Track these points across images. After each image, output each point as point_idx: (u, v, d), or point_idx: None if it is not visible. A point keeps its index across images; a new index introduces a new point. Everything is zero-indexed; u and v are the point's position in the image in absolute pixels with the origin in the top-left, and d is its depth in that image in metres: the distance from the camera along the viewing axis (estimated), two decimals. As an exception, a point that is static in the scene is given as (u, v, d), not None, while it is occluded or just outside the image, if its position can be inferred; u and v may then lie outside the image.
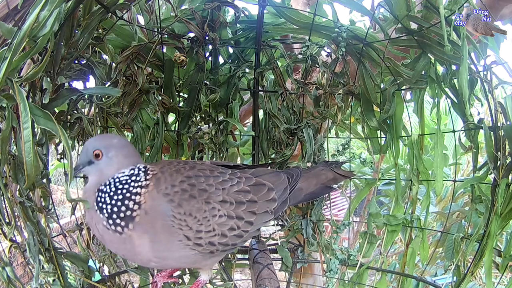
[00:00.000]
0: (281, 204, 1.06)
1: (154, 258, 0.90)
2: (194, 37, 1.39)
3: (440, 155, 1.34)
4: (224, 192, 0.95)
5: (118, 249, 0.93)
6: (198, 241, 0.90)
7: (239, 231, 0.95)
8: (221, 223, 0.93)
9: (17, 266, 3.38)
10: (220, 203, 0.93)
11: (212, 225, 0.92)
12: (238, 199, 0.96)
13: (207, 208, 0.91)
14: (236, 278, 2.15)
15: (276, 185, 1.05)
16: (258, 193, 1.00)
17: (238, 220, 0.95)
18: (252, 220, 0.97)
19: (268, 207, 1.01)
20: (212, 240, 0.92)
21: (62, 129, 0.82)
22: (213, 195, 0.93)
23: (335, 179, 1.22)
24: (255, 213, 0.98)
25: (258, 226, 1.00)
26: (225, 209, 0.94)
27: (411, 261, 1.45)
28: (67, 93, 1.08)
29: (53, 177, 5.72)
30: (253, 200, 0.99)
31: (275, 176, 1.08)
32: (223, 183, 0.97)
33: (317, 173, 1.20)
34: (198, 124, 1.48)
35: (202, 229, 0.90)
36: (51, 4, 0.81)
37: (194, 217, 0.89)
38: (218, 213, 0.92)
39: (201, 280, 1.05)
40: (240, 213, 0.96)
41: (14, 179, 1.02)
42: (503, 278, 1.26)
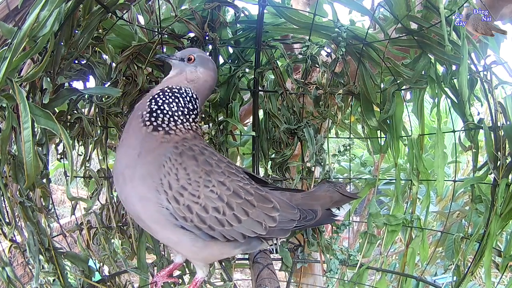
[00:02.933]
0: (280, 230, 1.03)
1: (127, 170, 0.92)
2: (194, 37, 1.39)
3: (440, 155, 1.34)
4: (228, 179, 0.96)
5: (128, 137, 0.97)
6: (179, 196, 0.90)
7: (222, 217, 0.94)
8: (209, 196, 0.93)
9: (17, 266, 3.38)
10: (218, 182, 0.94)
11: (200, 192, 0.92)
12: (237, 191, 0.97)
13: (204, 176, 0.93)
14: (236, 278, 2.15)
15: (283, 210, 1.03)
16: (260, 202, 1.00)
17: (227, 207, 0.95)
18: (241, 218, 0.96)
19: (264, 220, 0.99)
20: (191, 206, 0.91)
21: (63, 128, 0.83)
22: (215, 173, 0.95)
23: (340, 201, 1.19)
24: (248, 214, 0.97)
25: (245, 231, 0.98)
26: (220, 190, 0.94)
27: (411, 261, 1.45)
28: (67, 93, 1.08)
29: (53, 177, 5.72)
30: (251, 203, 0.98)
31: (289, 207, 1.06)
32: (232, 174, 0.98)
33: (322, 196, 1.16)
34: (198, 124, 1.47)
35: (188, 188, 0.91)
36: (51, 4, 0.81)
37: (186, 173, 0.91)
38: (211, 187, 0.93)
39: (198, 277, 1.05)
40: (233, 202, 0.95)
41: (14, 179, 1.02)
42: (503, 278, 1.26)
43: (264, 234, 1.00)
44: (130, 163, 0.93)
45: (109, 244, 1.34)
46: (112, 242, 1.36)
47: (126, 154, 0.95)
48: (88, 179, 1.32)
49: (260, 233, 1.00)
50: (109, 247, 1.34)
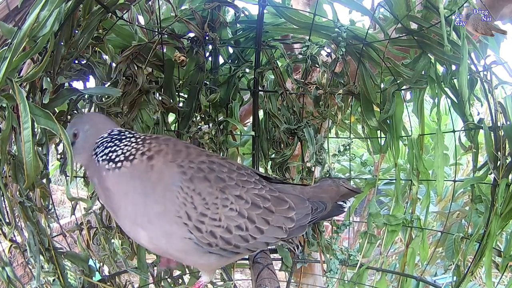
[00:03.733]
0: (298, 228, 1.02)
1: (140, 216, 0.85)
2: (194, 37, 1.39)
3: (440, 155, 1.34)
4: (243, 190, 0.93)
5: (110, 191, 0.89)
6: (200, 225, 0.86)
7: (245, 233, 0.91)
8: (230, 216, 0.89)
9: (17, 266, 3.37)
10: (235, 197, 0.91)
11: (219, 214, 0.88)
12: (255, 201, 0.93)
13: (220, 196, 0.88)
14: (236, 278, 2.15)
15: (298, 207, 1.02)
16: (277, 205, 0.98)
17: (249, 222, 0.92)
18: (263, 228, 0.94)
19: (284, 223, 0.98)
20: (214, 231, 0.88)
21: (63, 128, 0.82)
22: (230, 188, 0.91)
23: (346, 195, 1.19)
24: (268, 222, 0.95)
25: (268, 239, 0.96)
26: (239, 205, 0.91)
27: (411, 261, 1.45)
28: (67, 93, 1.08)
29: (53, 177, 5.71)
30: (270, 209, 0.96)
31: (300, 199, 1.05)
32: (246, 182, 0.95)
33: (329, 190, 1.15)
34: (198, 124, 1.48)
35: (207, 213, 0.86)
36: (51, 4, 0.81)
37: (202, 198, 0.86)
38: (230, 205, 0.89)
39: (202, 281, 1.04)
40: (253, 215, 0.92)
41: (14, 179, 1.02)
42: (503, 278, 1.26)
43: (286, 236, 0.99)
44: (139, 211, 0.86)
45: (109, 244, 1.34)
46: (112, 242, 1.36)
47: (128, 204, 0.87)
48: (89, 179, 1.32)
49: (282, 237, 0.98)
50: (109, 247, 1.34)
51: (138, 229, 0.88)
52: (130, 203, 0.87)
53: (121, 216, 0.91)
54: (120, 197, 0.88)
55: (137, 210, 0.86)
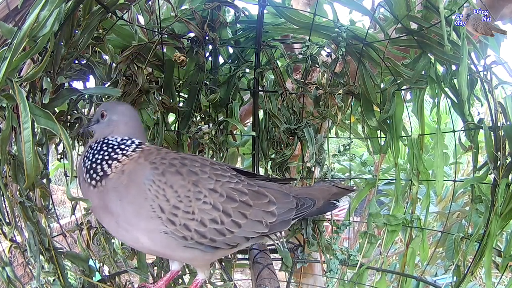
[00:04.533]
0: (281, 223, 1.01)
1: (122, 222, 0.88)
2: (194, 37, 1.39)
3: (440, 155, 1.34)
4: (218, 184, 0.93)
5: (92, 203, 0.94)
6: (172, 217, 0.87)
7: (221, 227, 0.91)
8: (203, 209, 0.89)
9: (17, 266, 3.38)
10: (209, 190, 0.91)
11: (193, 207, 0.88)
12: (230, 195, 0.93)
13: (192, 188, 0.89)
14: (236, 278, 2.15)
15: (279, 201, 1.01)
16: (256, 199, 0.97)
17: (224, 215, 0.91)
18: (241, 222, 0.93)
19: (263, 217, 0.97)
20: (188, 224, 0.88)
21: (63, 128, 0.83)
22: (203, 181, 0.91)
23: (338, 193, 1.20)
24: (246, 216, 0.94)
25: (248, 233, 0.96)
26: (213, 198, 0.91)
27: (411, 261, 1.45)
28: (67, 93, 1.08)
29: (53, 177, 5.71)
30: (247, 203, 0.95)
31: (282, 194, 1.04)
32: (220, 176, 0.95)
33: (320, 189, 1.17)
34: (198, 124, 1.48)
35: (180, 206, 0.87)
36: (51, 4, 0.81)
37: (174, 191, 0.88)
38: (203, 198, 0.90)
39: (199, 279, 1.04)
40: (229, 208, 0.92)
41: (14, 179, 1.02)
42: (503, 278, 1.25)
43: (267, 231, 0.98)
44: (118, 213, 0.89)
45: (109, 244, 1.34)
46: (112, 242, 1.36)
47: (107, 213, 0.91)
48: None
49: (263, 232, 0.98)
50: (109, 247, 1.34)
51: (123, 232, 0.91)
52: (109, 212, 0.90)
53: (105, 223, 0.96)
54: (102, 210, 0.92)
55: (117, 216, 0.89)
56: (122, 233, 0.92)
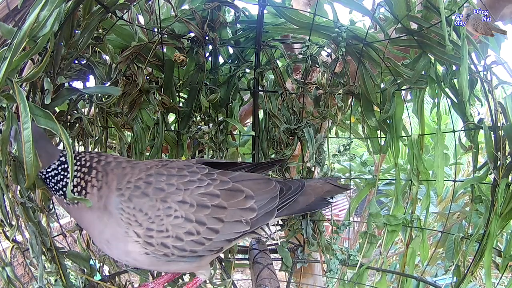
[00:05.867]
0: (263, 216, 0.97)
1: (103, 241, 0.90)
2: (194, 37, 1.39)
3: (440, 155, 1.34)
4: (186, 193, 0.90)
5: (78, 220, 0.96)
6: (149, 239, 0.87)
7: (198, 237, 0.89)
8: (176, 224, 0.88)
9: (17, 266, 3.38)
10: (178, 203, 0.88)
11: (165, 225, 0.87)
12: (201, 202, 0.90)
13: (161, 206, 0.87)
14: (237, 278, 2.16)
15: (258, 193, 0.97)
16: (230, 199, 0.93)
17: (198, 225, 0.89)
18: (217, 227, 0.91)
19: (242, 216, 0.93)
20: (165, 242, 0.87)
21: (63, 128, 0.83)
22: (171, 195, 0.89)
23: (331, 191, 1.17)
24: (222, 220, 0.91)
25: (228, 236, 0.93)
26: (183, 211, 0.88)
27: (411, 261, 1.45)
28: (67, 93, 1.08)
29: (53, 177, 5.69)
30: (221, 206, 0.92)
31: (262, 183, 1.00)
32: (188, 183, 0.92)
33: (314, 185, 1.14)
34: (198, 124, 1.48)
35: (153, 227, 0.86)
36: (51, 4, 0.81)
37: (144, 214, 0.87)
38: (174, 213, 0.88)
39: (199, 278, 1.04)
40: (202, 217, 0.89)
41: (14, 180, 1.02)
42: (503, 278, 1.25)
43: (249, 229, 0.95)
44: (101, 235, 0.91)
45: (109, 244, 1.34)
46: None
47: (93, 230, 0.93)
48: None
49: (244, 230, 0.95)
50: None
51: (105, 248, 0.92)
52: (92, 229, 0.92)
53: (91, 236, 1.00)
54: (85, 225, 0.95)
55: (99, 235, 0.91)
56: (105, 249, 0.93)
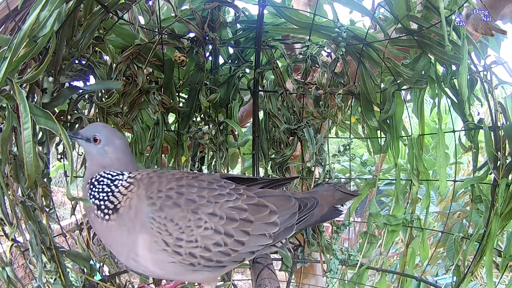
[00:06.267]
0: (284, 230, 1.01)
1: (131, 253, 0.90)
2: (194, 37, 1.39)
3: (442, 155, 1.34)
4: (216, 206, 0.92)
5: (104, 236, 0.96)
6: (178, 249, 0.88)
7: (225, 248, 0.92)
8: (205, 235, 0.90)
9: (18, 268, 3.38)
10: (208, 215, 0.91)
11: (195, 235, 0.89)
12: (230, 215, 0.93)
13: (192, 217, 0.90)
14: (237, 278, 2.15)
15: (281, 209, 1.01)
16: (256, 213, 0.97)
17: (226, 237, 0.92)
18: (243, 240, 0.94)
19: (266, 230, 0.97)
20: (193, 252, 0.89)
21: (63, 128, 0.83)
22: (202, 207, 0.91)
23: (342, 199, 1.19)
24: (248, 233, 0.94)
25: (252, 248, 0.96)
26: (213, 223, 0.91)
27: (411, 261, 1.45)
28: (68, 93, 1.09)
29: (53, 178, 5.71)
30: (248, 220, 0.95)
31: (284, 200, 1.04)
32: (218, 197, 0.94)
33: (325, 195, 1.16)
34: (198, 124, 1.48)
35: (183, 237, 0.88)
36: (51, 5, 0.81)
37: (175, 224, 0.88)
38: (204, 225, 0.90)
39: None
40: (230, 230, 0.92)
41: (15, 179, 1.02)
42: (504, 278, 1.25)
43: (271, 242, 0.98)
44: (128, 246, 0.91)
45: (109, 244, 1.34)
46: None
47: (119, 247, 0.93)
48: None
49: (267, 243, 0.98)
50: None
51: (132, 263, 0.93)
52: (119, 244, 0.92)
53: (115, 253, 0.99)
54: (110, 241, 0.95)
55: (127, 248, 0.91)
56: (132, 263, 0.94)
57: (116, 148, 0.97)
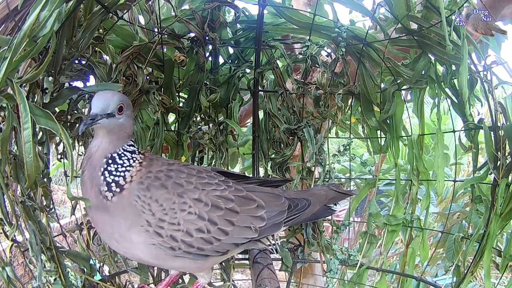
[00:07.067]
0: (271, 226, 1.01)
1: (116, 234, 0.91)
2: (194, 37, 1.39)
3: (441, 155, 1.34)
4: (203, 193, 0.93)
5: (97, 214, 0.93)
6: (159, 230, 0.88)
7: (208, 236, 0.92)
8: (188, 220, 0.90)
9: (17, 266, 3.38)
10: (193, 200, 0.92)
11: (178, 218, 0.89)
12: (215, 203, 0.94)
13: (177, 200, 0.90)
14: (237, 278, 2.16)
15: (269, 205, 1.01)
16: (243, 205, 0.97)
17: (210, 224, 0.92)
18: (227, 229, 0.94)
19: (252, 223, 0.97)
20: (174, 235, 0.89)
21: (63, 128, 0.83)
22: (188, 192, 0.92)
23: (335, 198, 1.19)
24: (233, 223, 0.95)
25: (236, 240, 0.96)
26: (198, 208, 0.91)
27: (411, 261, 1.45)
28: (68, 93, 1.08)
29: (53, 177, 5.71)
30: (233, 210, 0.95)
31: (273, 197, 1.04)
32: (206, 185, 0.95)
33: (317, 194, 1.16)
34: (198, 124, 1.48)
35: (165, 219, 0.89)
36: (51, 5, 0.81)
37: (159, 205, 0.89)
38: (188, 209, 0.90)
39: (200, 282, 1.05)
40: (214, 217, 0.93)
41: (15, 179, 1.02)
42: (503, 278, 1.25)
43: (256, 236, 0.98)
44: (116, 229, 0.91)
45: (109, 244, 1.34)
46: (112, 242, 1.36)
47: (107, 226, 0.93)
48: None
49: (252, 237, 0.98)
50: (109, 247, 1.34)
51: (115, 243, 0.94)
52: (108, 223, 0.92)
53: (100, 230, 0.99)
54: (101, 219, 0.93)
55: (113, 228, 0.91)
56: (114, 244, 0.94)
57: (131, 107, 0.95)
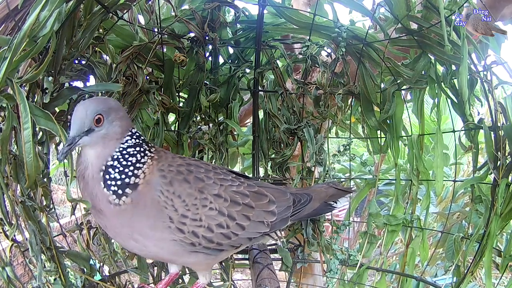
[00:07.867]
0: (281, 221, 1.04)
1: (135, 234, 0.87)
2: (194, 37, 1.39)
3: (440, 155, 1.34)
4: (221, 188, 0.94)
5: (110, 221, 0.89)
6: (181, 226, 0.88)
7: (227, 231, 0.93)
8: (210, 215, 0.91)
9: (17, 265, 3.38)
10: (214, 196, 0.92)
11: (200, 214, 0.89)
12: (234, 198, 0.95)
13: (199, 196, 0.90)
14: (237, 278, 2.15)
15: (278, 200, 1.03)
16: (257, 200, 0.99)
17: (229, 219, 0.93)
18: (244, 224, 0.95)
19: (265, 218, 0.99)
20: (196, 231, 0.89)
21: (62, 129, 0.83)
22: (208, 187, 0.92)
23: (335, 195, 1.22)
24: (249, 218, 0.96)
25: (250, 234, 0.98)
26: (218, 204, 0.92)
27: (411, 261, 1.45)
28: (68, 93, 1.08)
29: (53, 177, 5.71)
30: (249, 205, 0.97)
31: (280, 192, 1.07)
32: (223, 180, 0.96)
33: (318, 191, 1.19)
34: (198, 124, 1.48)
35: (188, 214, 0.88)
36: (51, 5, 0.81)
37: (182, 200, 0.88)
38: (209, 205, 0.91)
39: (200, 282, 1.05)
40: (233, 212, 0.94)
41: (15, 179, 1.02)
42: (503, 278, 1.25)
43: (268, 230, 1.01)
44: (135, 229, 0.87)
45: (109, 244, 1.34)
46: (112, 242, 1.36)
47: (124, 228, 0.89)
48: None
49: (264, 231, 1.00)
50: (109, 247, 1.34)
51: (132, 243, 0.90)
52: (125, 225, 0.88)
53: (114, 235, 0.95)
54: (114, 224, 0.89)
55: (131, 228, 0.87)
56: (132, 244, 0.91)
57: (116, 108, 0.87)
